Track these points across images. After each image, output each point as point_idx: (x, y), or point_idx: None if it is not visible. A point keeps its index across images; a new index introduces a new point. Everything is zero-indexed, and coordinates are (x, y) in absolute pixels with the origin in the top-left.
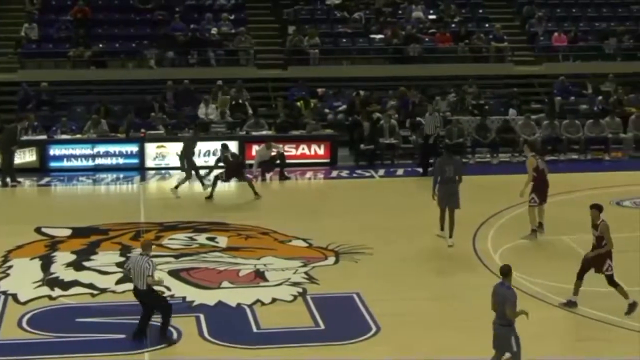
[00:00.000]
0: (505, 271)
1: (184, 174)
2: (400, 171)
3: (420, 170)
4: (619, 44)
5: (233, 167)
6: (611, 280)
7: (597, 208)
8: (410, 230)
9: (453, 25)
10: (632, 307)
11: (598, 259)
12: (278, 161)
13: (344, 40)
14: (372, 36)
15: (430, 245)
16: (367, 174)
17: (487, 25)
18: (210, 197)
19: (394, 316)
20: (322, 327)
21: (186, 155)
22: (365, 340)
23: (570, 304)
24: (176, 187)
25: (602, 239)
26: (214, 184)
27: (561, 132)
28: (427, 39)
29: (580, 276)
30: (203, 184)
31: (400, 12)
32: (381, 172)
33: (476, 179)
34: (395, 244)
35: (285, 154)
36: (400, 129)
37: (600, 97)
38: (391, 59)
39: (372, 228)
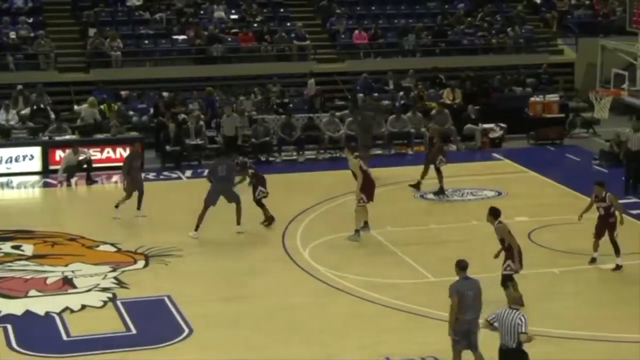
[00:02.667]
0: (466, 265)
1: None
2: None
3: None
4: (418, 40)
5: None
6: (504, 281)
7: (490, 213)
8: (220, 230)
9: (255, 25)
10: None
11: (504, 260)
12: (85, 165)
13: (146, 41)
14: (175, 37)
15: (240, 244)
16: (174, 176)
17: (289, 24)
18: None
19: (205, 317)
20: (134, 331)
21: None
22: (178, 342)
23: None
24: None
25: (503, 241)
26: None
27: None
28: (229, 39)
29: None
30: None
31: (202, 12)
32: (188, 173)
33: (283, 177)
34: (205, 244)
35: (91, 157)
36: (206, 129)
37: (401, 93)
38: (194, 59)
39: (182, 229)
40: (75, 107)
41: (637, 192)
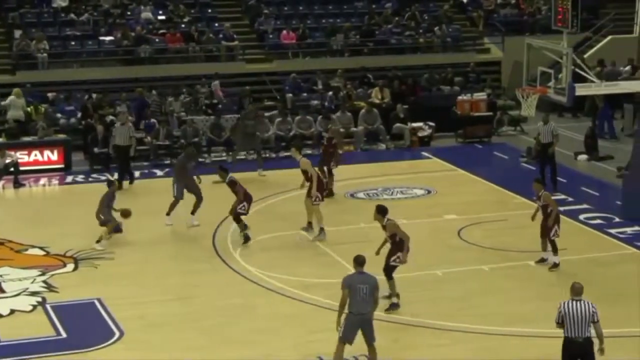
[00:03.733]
0: (362, 260)
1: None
2: (136, 173)
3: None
4: (346, 40)
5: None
6: (390, 272)
7: (378, 211)
8: (150, 231)
9: (183, 26)
10: (394, 306)
11: (392, 252)
12: (12, 169)
13: (73, 43)
14: (102, 38)
15: (171, 245)
16: (103, 178)
17: (216, 24)
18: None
19: (137, 319)
20: (64, 335)
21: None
22: (109, 345)
23: (394, 306)
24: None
25: (394, 236)
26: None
27: (294, 128)
28: (157, 40)
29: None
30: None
31: (129, 13)
32: (117, 175)
33: (212, 178)
34: (136, 246)
35: (18, 160)
36: (135, 130)
37: (330, 93)
38: (122, 60)
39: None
40: (2, 102)
41: (557, 186)
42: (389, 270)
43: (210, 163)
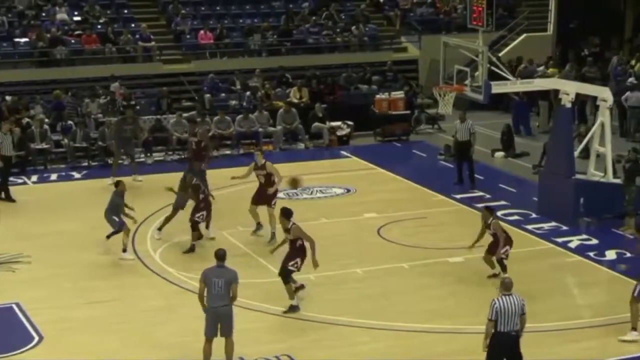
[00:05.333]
0: (222, 254)
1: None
2: (54, 176)
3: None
4: (263, 39)
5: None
6: (287, 276)
7: (282, 214)
8: (68, 235)
9: (99, 27)
10: (293, 308)
11: (291, 257)
12: None
13: None
14: (17, 40)
15: (90, 249)
16: (20, 181)
17: (133, 25)
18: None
19: (56, 323)
20: None
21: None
22: (27, 351)
23: (293, 309)
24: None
25: (296, 241)
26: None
27: (212, 128)
28: (73, 41)
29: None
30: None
31: (44, 14)
32: (34, 178)
33: (131, 179)
34: (55, 250)
35: None
36: (51, 133)
37: (248, 93)
38: (38, 62)
39: (29, 235)
40: None
41: (475, 184)
42: (286, 274)
43: (128, 165)
